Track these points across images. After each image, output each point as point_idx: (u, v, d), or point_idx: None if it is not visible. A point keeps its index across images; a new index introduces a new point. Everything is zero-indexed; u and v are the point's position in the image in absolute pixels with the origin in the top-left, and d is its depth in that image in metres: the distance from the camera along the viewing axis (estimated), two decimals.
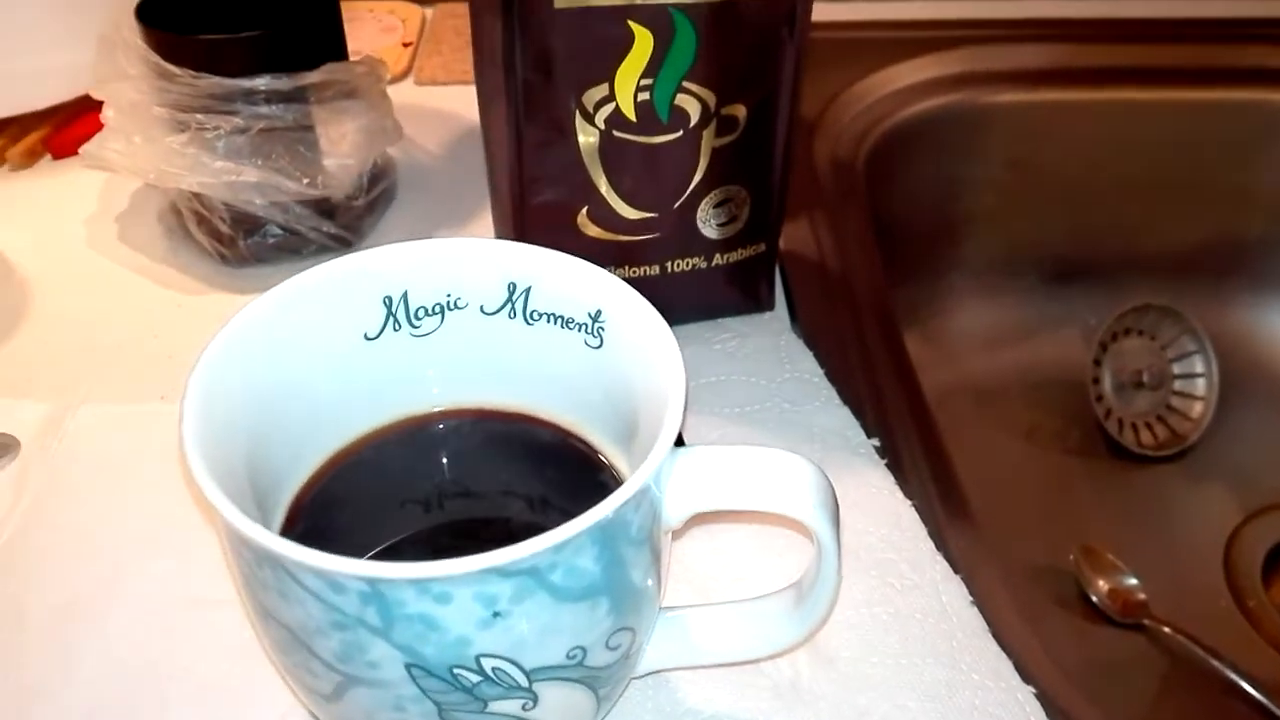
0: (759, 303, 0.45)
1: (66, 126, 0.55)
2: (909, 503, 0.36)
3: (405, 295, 0.28)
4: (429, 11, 0.68)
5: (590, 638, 0.24)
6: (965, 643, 0.32)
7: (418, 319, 0.29)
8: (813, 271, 0.49)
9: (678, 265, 0.41)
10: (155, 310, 0.46)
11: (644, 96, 0.37)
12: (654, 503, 0.24)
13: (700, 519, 0.26)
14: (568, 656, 0.24)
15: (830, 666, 0.31)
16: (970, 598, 0.33)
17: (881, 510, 0.36)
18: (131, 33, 0.45)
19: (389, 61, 0.63)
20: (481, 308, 0.29)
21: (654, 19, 0.35)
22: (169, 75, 0.44)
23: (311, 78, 0.45)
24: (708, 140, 0.38)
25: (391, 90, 0.51)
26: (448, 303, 0.29)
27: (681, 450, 0.25)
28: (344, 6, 0.55)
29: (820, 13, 0.70)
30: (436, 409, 0.30)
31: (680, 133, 0.38)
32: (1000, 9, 0.71)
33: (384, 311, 0.28)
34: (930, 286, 0.71)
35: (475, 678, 0.23)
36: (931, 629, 0.32)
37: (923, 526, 0.36)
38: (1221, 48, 0.68)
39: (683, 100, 0.37)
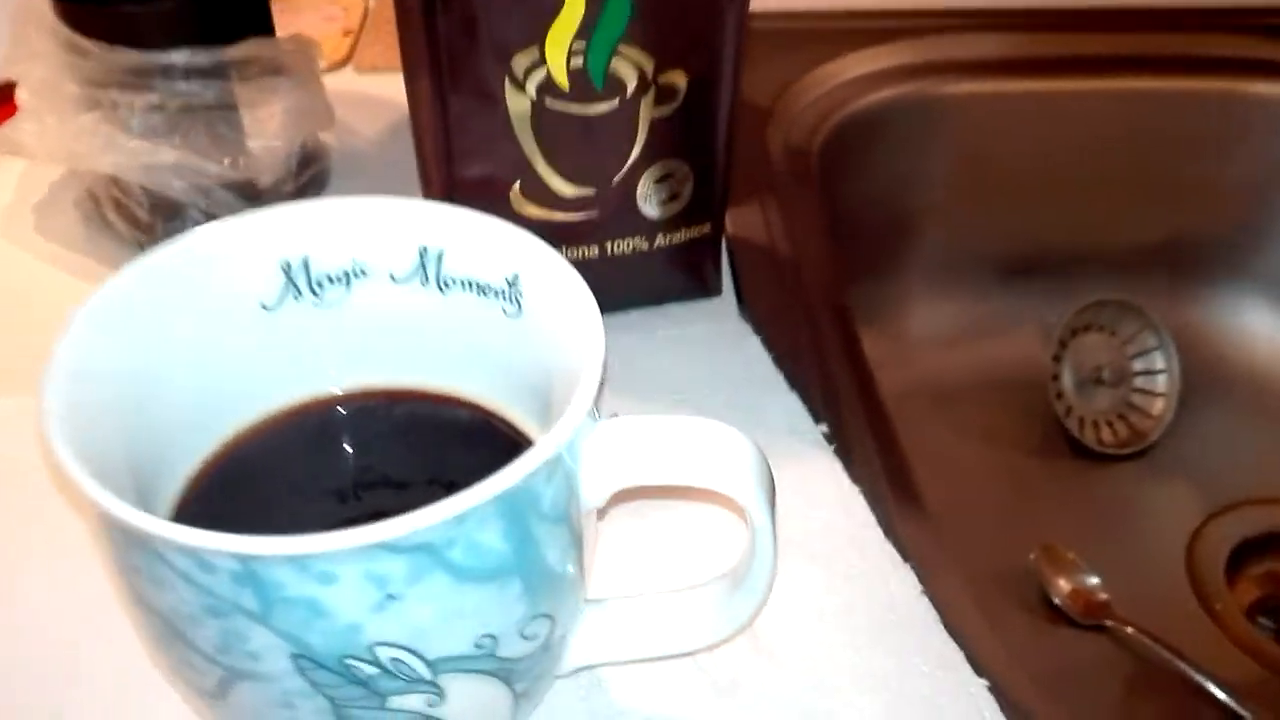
0: (705, 287, 0.43)
1: None
2: (857, 489, 0.35)
3: (306, 261, 0.26)
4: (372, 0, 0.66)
5: (501, 625, 0.21)
6: (915, 634, 0.30)
7: (320, 288, 0.27)
8: (762, 257, 0.48)
9: (618, 246, 0.39)
10: (69, 301, 0.44)
11: (577, 61, 0.35)
12: (569, 476, 0.21)
13: (627, 496, 0.24)
14: (476, 646, 0.21)
15: (773, 660, 0.29)
16: (920, 587, 0.31)
17: (828, 497, 0.34)
18: (44, 6, 0.42)
19: (329, 49, 0.61)
20: (391, 275, 0.27)
21: None
22: (81, 50, 0.41)
23: (234, 53, 0.43)
24: (646, 110, 0.37)
25: (331, 78, 0.50)
26: (353, 270, 0.27)
27: (602, 421, 0.23)
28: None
29: (775, 1, 0.70)
30: (345, 389, 0.28)
31: (616, 101, 0.36)
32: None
33: (282, 278, 0.26)
34: (884, 282, 0.69)
35: (371, 669, 0.21)
36: (879, 619, 0.30)
37: (871, 513, 0.34)
38: (1181, 36, 0.67)
39: (618, 66, 0.35)
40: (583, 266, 0.39)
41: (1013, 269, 0.70)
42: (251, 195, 0.45)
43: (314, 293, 0.26)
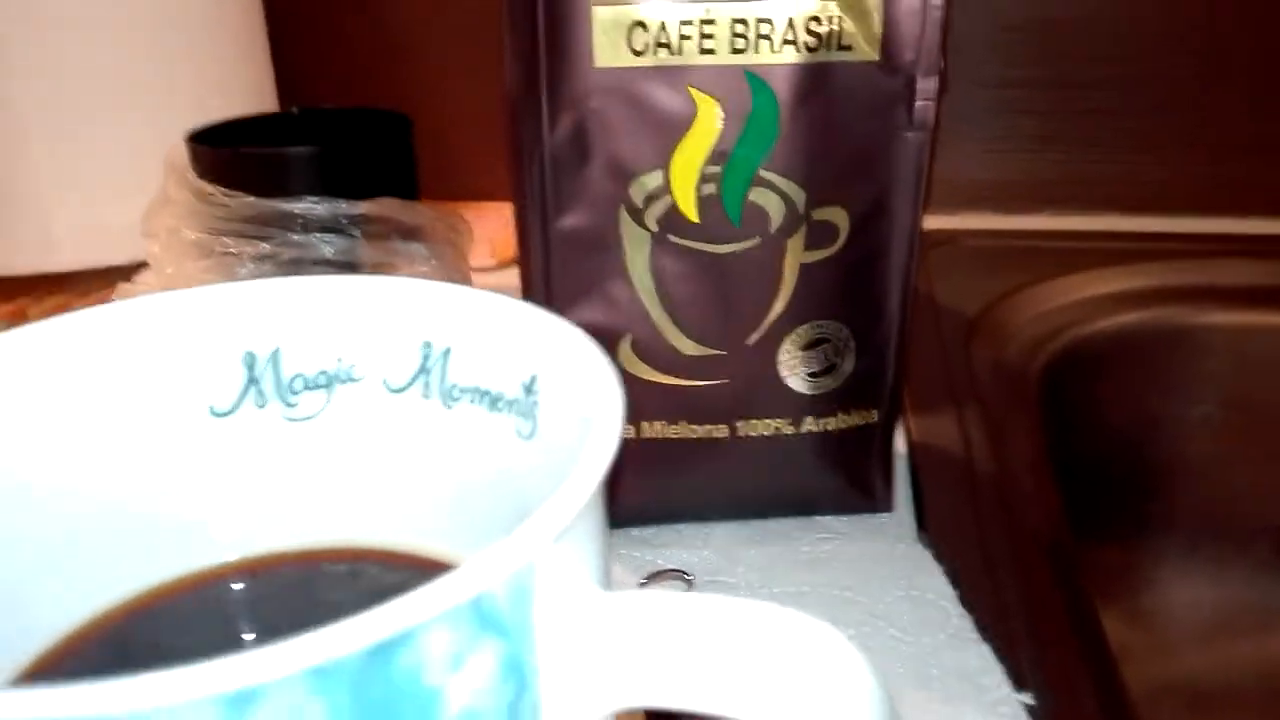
0: (869, 497, 0.33)
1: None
2: None
3: (276, 355, 0.19)
4: None
5: None
6: None
7: (294, 392, 0.19)
8: (956, 476, 0.37)
9: (753, 427, 0.31)
10: None
11: (709, 189, 0.28)
12: (513, 668, 0.12)
13: None
14: None
15: None
16: None
17: None
18: (183, 156, 0.41)
19: (501, 247, 0.58)
20: (385, 381, 0.19)
21: (723, 85, 0.27)
22: (204, 195, 0.39)
23: (361, 208, 0.39)
24: (794, 253, 0.29)
25: (497, 275, 0.46)
26: (338, 372, 0.19)
27: (613, 593, 0.14)
28: (471, 205, 0.51)
29: (987, 222, 0.62)
30: (318, 543, 0.20)
31: (757, 239, 0.29)
32: (1195, 224, 0.60)
33: (243, 375, 0.19)
34: (1128, 547, 0.56)
35: None
36: None
37: None
38: None
39: (760, 196, 0.28)
40: (706, 450, 0.31)
41: None
42: None
43: (284, 399, 0.19)
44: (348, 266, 0.40)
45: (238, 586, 0.19)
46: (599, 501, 0.14)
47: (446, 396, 0.19)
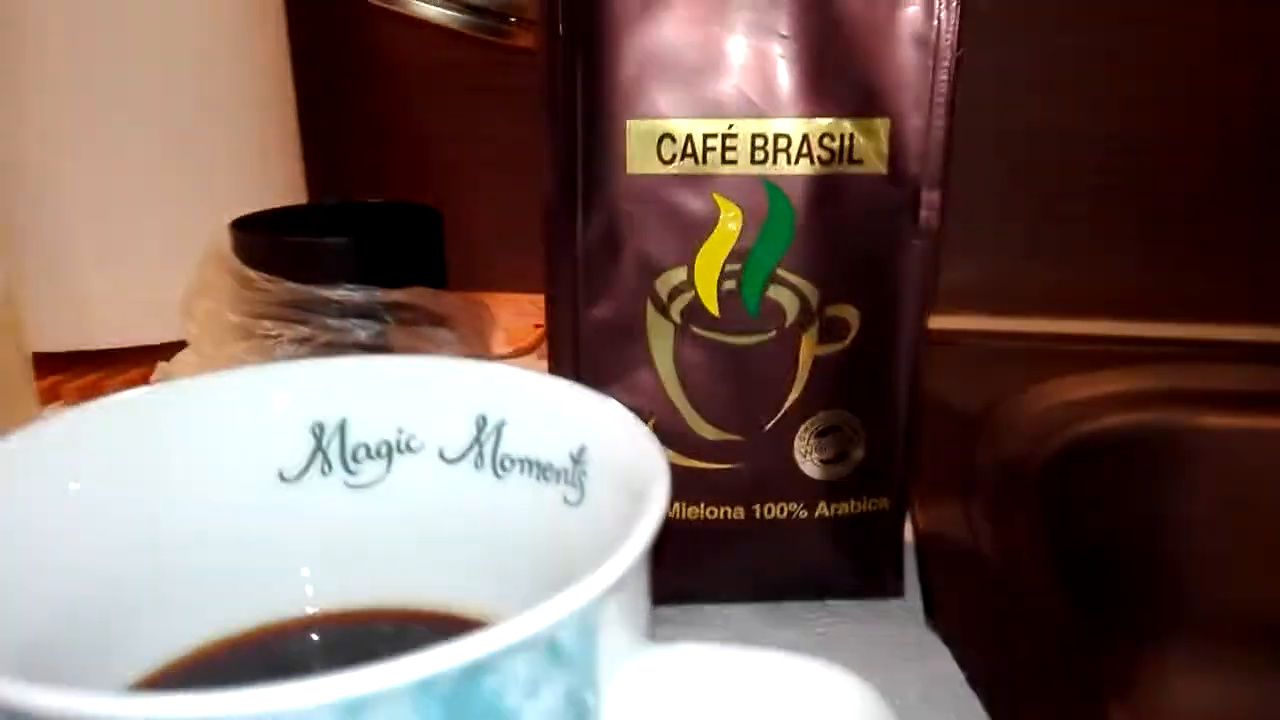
0: (880, 582, 0.34)
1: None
2: None
3: (343, 425, 0.21)
4: None
5: None
6: None
7: (356, 460, 0.21)
8: (963, 565, 0.39)
9: (769, 510, 0.32)
10: None
11: (729, 285, 0.30)
12: (576, 700, 0.14)
13: None
14: None
15: None
16: None
17: None
18: (224, 241, 0.43)
19: (516, 337, 0.61)
20: (440, 451, 0.21)
21: (744, 192, 0.30)
22: (247, 281, 0.41)
23: (395, 295, 0.42)
24: (808, 346, 0.31)
25: (512, 361, 0.48)
26: (398, 442, 0.21)
27: (655, 646, 0.15)
28: (489, 295, 0.53)
29: (986, 324, 0.65)
30: (369, 604, 0.22)
31: (773, 333, 0.31)
32: (1202, 330, 0.63)
33: (311, 444, 0.21)
34: (1134, 648, 0.57)
35: None
36: None
37: None
38: None
39: (777, 293, 0.30)
40: (723, 532, 0.33)
41: None
42: None
43: (347, 467, 0.21)
44: (379, 350, 0.42)
45: (292, 641, 0.21)
46: (646, 563, 0.16)
47: (498, 467, 0.20)
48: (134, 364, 0.53)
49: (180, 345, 0.52)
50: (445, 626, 0.20)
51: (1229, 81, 0.59)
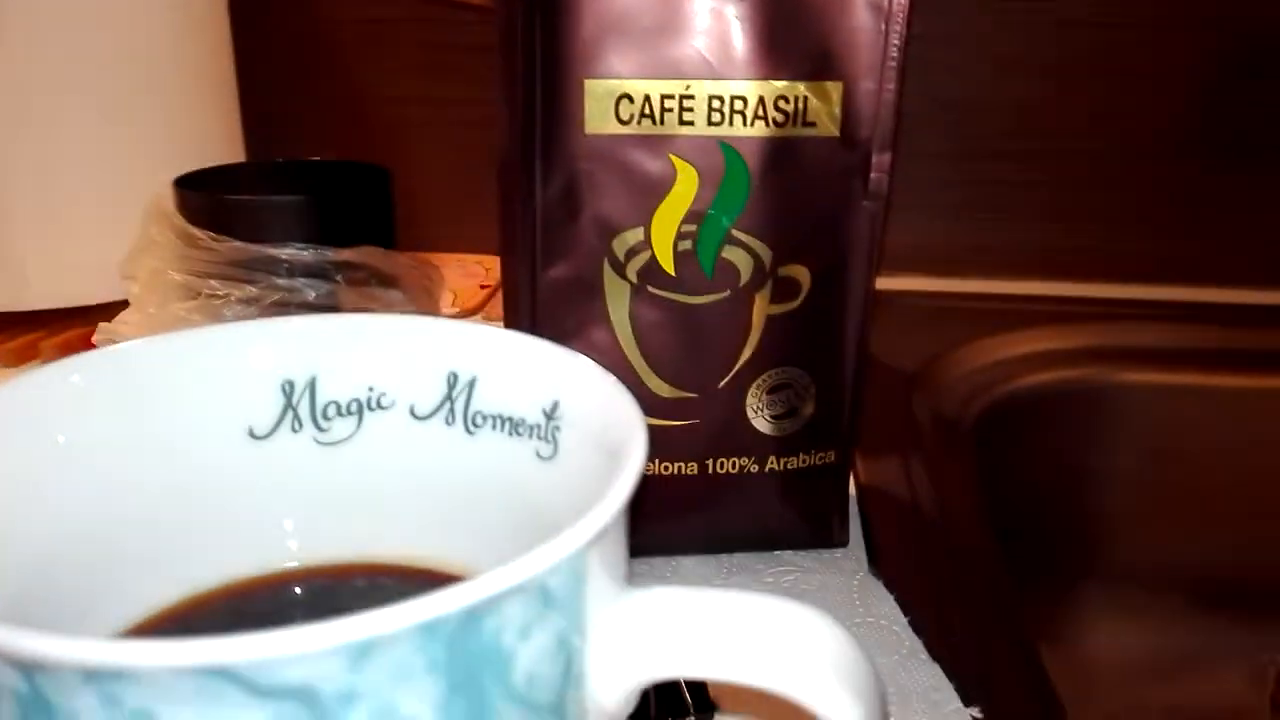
0: (827, 532, 0.35)
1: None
2: None
3: (313, 383, 0.21)
4: None
5: None
6: None
7: (326, 418, 0.21)
8: (902, 515, 0.40)
9: (722, 464, 0.33)
10: None
11: (685, 245, 0.31)
12: (565, 643, 0.14)
13: None
14: None
15: None
16: None
17: None
18: (167, 200, 0.42)
19: (463, 298, 0.60)
20: (411, 409, 0.21)
21: (700, 153, 0.30)
22: (192, 239, 0.41)
23: (344, 255, 0.42)
24: (761, 306, 0.32)
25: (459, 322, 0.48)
26: (368, 400, 0.21)
27: (635, 590, 0.16)
28: (434, 255, 0.53)
29: (923, 284, 0.66)
30: (342, 559, 0.22)
31: (727, 292, 0.31)
32: (1128, 290, 0.65)
33: (281, 402, 0.21)
34: (1056, 595, 0.60)
35: None
36: None
37: None
38: None
39: (731, 254, 0.31)
40: (678, 486, 0.33)
41: (1211, 594, 0.59)
42: None
43: (317, 424, 0.21)
44: (329, 309, 0.42)
45: (264, 594, 0.21)
46: (625, 513, 0.16)
47: (470, 423, 0.21)
48: (70, 325, 0.52)
49: (118, 306, 0.51)
50: (420, 579, 0.21)
51: (1162, 48, 0.61)
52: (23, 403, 0.17)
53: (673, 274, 0.31)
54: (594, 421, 0.19)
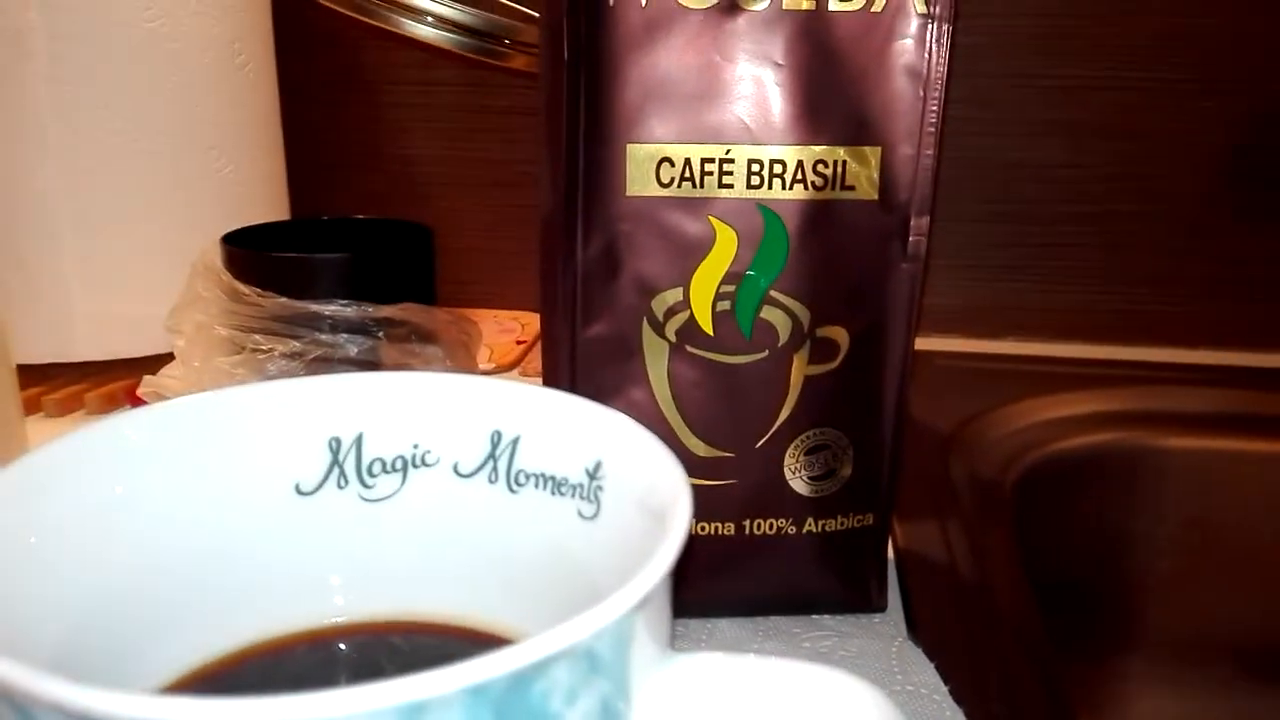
0: (865, 596, 0.35)
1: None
2: None
3: (359, 440, 0.22)
4: None
5: None
6: None
7: (371, 475, 0.22)
8: (941, 580, 0.40)
9: (759, 526, 0.33)
10: None
11: (724, 306, 0.31)
12: (609, 706, 0.14)
13: None
14: None
15: None
16: None
17: None
18: (214, 256, 0.43)
19: (499, 354, 0.61)
20: (455, 467, 0.22)
21: (739, 216, 0.31)
22: (237, 294, 0.42)
23: (385, 311, 0.42)
24: (799, 366, 0.32)
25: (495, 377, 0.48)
26: (413, 458, 0.22)
27: (679, 655, 0.16)
28: (471, 311, 0.54)
29: (961, 345, 0.66)
30: (386, 615, 0.22)
31: (766, 353, 0.32)
32: (1167, 354, 0.65)
33: (328, 458, 0.21)
34: (1098, 663, 0.58)
35: None
36: None
37: None
38: None
39: (770, 314, 0.31)
40: (713, 546, 0.33)
41: (1256, 665, 0.58)
42: None
43: (362, 481, 0.22)
44: (370, 364, 0.42)
45: (306, 650, 0.21)
46: (670, 577, 0.16)
47: (513, 481, 0.21)
48: (115, 376, 0.53)
49: (163, 359, 0.52)
50: (462, 638, 0.21)
51: (1201, 115, 0.61)
52: (74, 456, 0.18)
53: (711, 334, 0.31)
54: (637, 482, 0.19)
